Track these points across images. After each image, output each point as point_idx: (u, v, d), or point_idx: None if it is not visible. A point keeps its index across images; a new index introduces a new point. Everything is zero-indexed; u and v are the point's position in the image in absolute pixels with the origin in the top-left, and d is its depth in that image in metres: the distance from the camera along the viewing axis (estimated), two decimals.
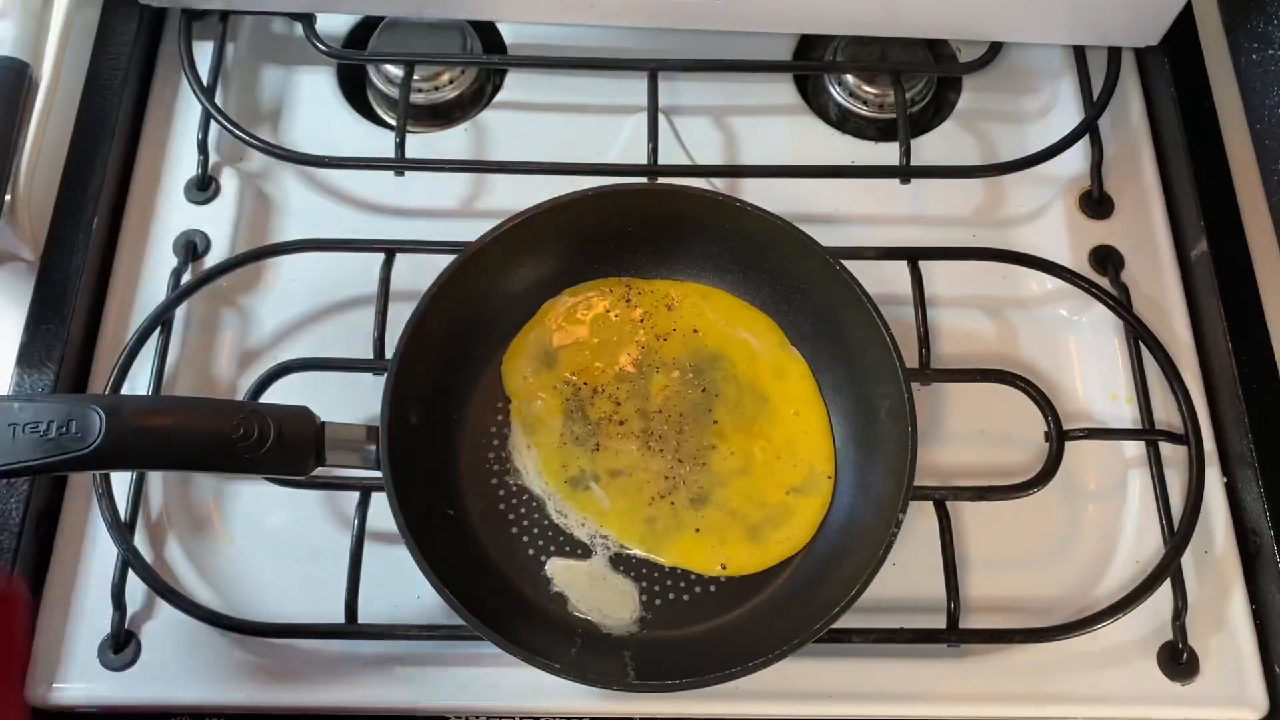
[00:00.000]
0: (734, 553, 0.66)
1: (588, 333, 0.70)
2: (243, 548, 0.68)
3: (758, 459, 0.68)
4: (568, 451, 0.68)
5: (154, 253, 0.75)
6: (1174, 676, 0.65)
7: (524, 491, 0.67)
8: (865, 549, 0.62)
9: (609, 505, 0.66)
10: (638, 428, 0.68)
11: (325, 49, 0.79)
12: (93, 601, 0.66)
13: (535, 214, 0.67)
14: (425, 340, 0.65)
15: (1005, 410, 0.70)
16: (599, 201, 0.68)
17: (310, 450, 0.59)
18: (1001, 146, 0.80)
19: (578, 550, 0.66)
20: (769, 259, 0.70)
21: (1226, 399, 0.71)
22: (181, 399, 0.68)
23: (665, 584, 0.65)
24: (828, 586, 0.63)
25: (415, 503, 0.61)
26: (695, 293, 0.72)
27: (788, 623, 0.62)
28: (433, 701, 0.64)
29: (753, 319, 0.71)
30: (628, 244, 0.71)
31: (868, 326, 0.65)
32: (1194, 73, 0.80)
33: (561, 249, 0.70)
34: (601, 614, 0.64)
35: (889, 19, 0.78)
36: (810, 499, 0.67)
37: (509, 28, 0.83)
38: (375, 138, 0.80)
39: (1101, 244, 0.77)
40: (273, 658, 0.65)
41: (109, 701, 0.64)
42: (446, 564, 0.60)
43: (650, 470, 0.67)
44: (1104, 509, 0.70)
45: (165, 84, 0.80)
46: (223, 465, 0.60)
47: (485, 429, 0.68)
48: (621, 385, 0.69)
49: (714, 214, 0.69)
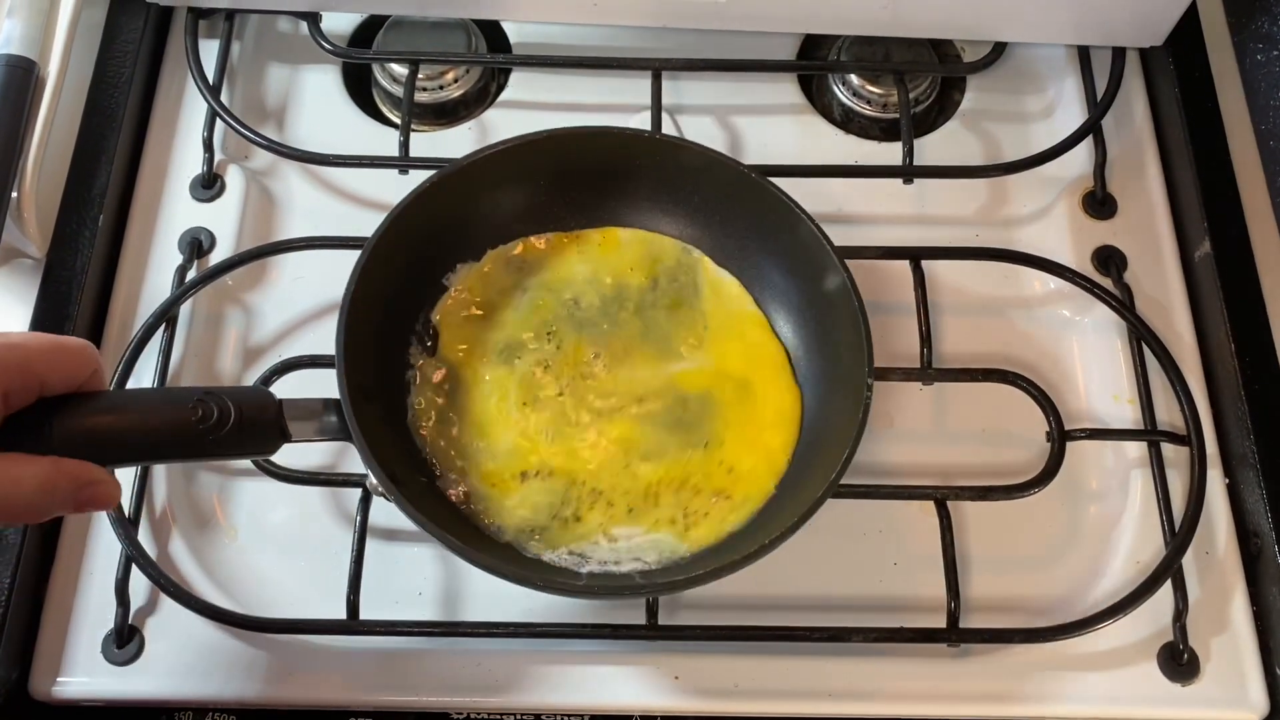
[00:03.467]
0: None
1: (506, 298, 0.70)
2: (246, 544, 0.68)
3: (716, 393, 0.67)
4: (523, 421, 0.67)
5: (159, 250, 0.75)
6: (1174, 677, 0.65)
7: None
8: (843, 426, 0.62)
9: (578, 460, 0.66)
10: (583, 384, 0.68)
11: (330, 47, 0.80)
12: (97, 597, 0.66)
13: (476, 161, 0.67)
14: (371, 296, 0.64)
15: (1007, 410, 0.70)
16: (515, 154, 0.68)
17: (273, 427, 0.58)
18: (1005, 147, 0.80)
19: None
20: (684, 190, 0.70)
21: (1229, 400, 0.71)
22: (132, 391, 0.67)
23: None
24: (816, 471, 0.63)
25: (389, 470, 0.61)
26: (612, 239, 0.72)
27: (788, 512, 0.61)
28: (434, 698, 0.65)
29: (668, 248, 0.71)
30: (542, 199, 0.71)
31: (789, 221, 0.66)
32: (1198, 73, 0.80)
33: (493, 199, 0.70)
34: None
35: (893, 19, 0.78)
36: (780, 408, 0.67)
37: (513, 27, 0.83)
38: (380, 136, 0.80)
39: (1104, 244, 0.77)
40: (275, 653, 0.65)
41: (112, 696, 0.65)
42: (441, 512, 0.61)
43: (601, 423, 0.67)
44: (1105, 509, 0.70)
45: (171, 82, 0.81)
46: (187, 453, 0.58)
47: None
48: (560, 339, 0.69)
49: (623, 152, 0.69)
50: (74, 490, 0.53)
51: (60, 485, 0.52)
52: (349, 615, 0.64)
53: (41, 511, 0.53)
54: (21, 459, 0.51)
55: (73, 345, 0.54)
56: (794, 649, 0.65)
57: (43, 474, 0.51)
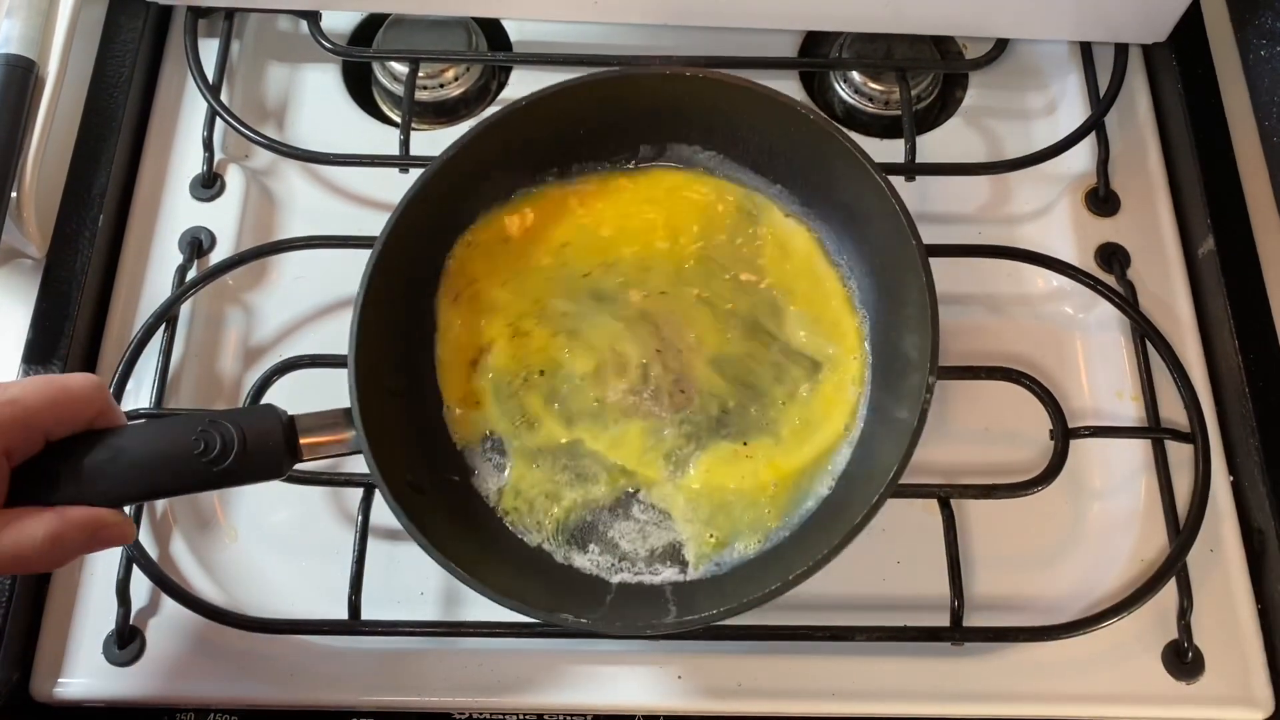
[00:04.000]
0: (767, 460, 0.65)
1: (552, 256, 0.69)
2: (247, 544, 0.68)
3: (772, 355, 0.67)
4: (559, 389, 0.66)
5: (159, 249, 0.75)
6: (1179, 675, 0.65)
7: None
8: (891, 445, 0.61)
9: (617, 439, 0.65)
10: (634, 352, 0.67)
11: (330, 46, 0.79)
12: (98, 597, 0.66)
13: (482, 130, 0.66)
14: (389, 281, 0.63)
15: (1010, 408, 0.70)
16: (548, 104, 0.66)
17: (280, 449, 0.56)
18: (1007, 144, 0.80)
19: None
20: (745, 130, 0.69)
21: (1232, 397, 0.71)
22: (137, 428, 0.58)
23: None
24: (862, 489, 0.62)
25: (408, 478, 0.60)
26: (661, 180, 0.70)
27: (823, 540, 0.60)
28: (436, 698, 0.64)
29: (733, 194, 0.70)
30: (583, 147, 0.70)
31: (863, 182, 0.64)
32: (1201, 69, 0.79)
33: (514, 169, 0.69)
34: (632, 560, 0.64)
35: (895, 16, 0.78)
36: (841, 383, 0.66)
37: (514, 25, 0.83)
38: (380, 135, 0.80)
39: (1107, 241, 0.76)
40: (277, 654, 0.65)
41: (114, 697, 0.64)
42: (451, 537, 0.60)
43: (656, 395, 0.66)
44: (1109, 507, 0.69)
45: (171, 81, 0.80)
46: (190, 485, 0.56)
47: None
48: (602, 306, 0.68)
49: (672, 92, 0.67)
50: (85, 538, 0.53)
51: (68, 535, 0.52)
52: (350, 615, 0.64)
53: (55, 561, 0.53)
54: (29, 515, 0.52)
55: (75, 388, 0.53)
56: (797, 648, 0.65)
57: (49, 527, 0.52)
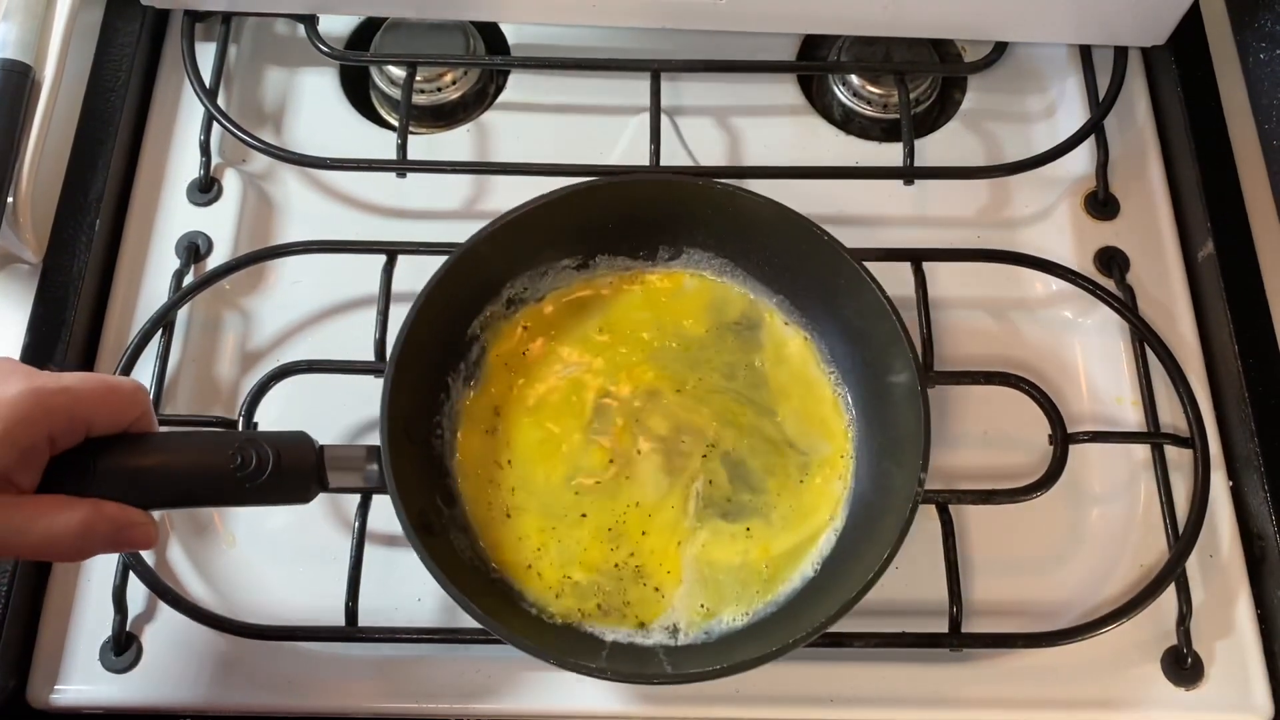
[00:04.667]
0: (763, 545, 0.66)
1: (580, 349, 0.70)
2: (244, 550, 0.68)
3: (767, 450, 0.67)
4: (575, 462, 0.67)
5: (156, 254, 0.75)
6: (1178, 681, 0.65)
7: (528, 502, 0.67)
8: (891, 516, 0.61)
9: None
10: (648, 435, 0.68)
11: (327, 50, 0.79)
12: (94, 604, 0.66)
13: (529, 210, 0.66)
14: (413, 358, 0.63)
15: (1009, 413, 0.70)
16: (589, 196, 0.67)
17: (311, 475, 0.58)
18: (1006, 147, 0.80)
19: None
20: (754, 241, 0.69)
21: (1232, 402, 0.71)
22: (175, 435, 0.63)
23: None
24: (861, 558, 0.62)
25: (420, 518, 0.61)
26: (676, 282, 0.71)
27: (819, 610, 0.61)
28: (433, 704, 0.64)
29: (739, 302, 0.71)
30: (608, 240, 0.70)
31: (865, 299, 0.65)
32: (1201, 73, 0.79)
33: (539, 252, 0.69)
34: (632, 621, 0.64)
35: (893, 19, 0.78)
36: (829, 478, 0.67)
37: (512, 28, 0.83)
38: (377, 139, 0.80)
39: (1107, 245, 0.76)
40: (273, 661, 0.65)
41: (110, 703, 0.64)
42: (461, 576, 0.60)
43: (661, 474, 0.67)
44: (1108, 512, 0.69)
45: (168, 85, 0.80)
46: (223, 498, 0.59)
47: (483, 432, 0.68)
48: (615, 392, 0.69)
49: (700, 200, 0.68)
50: (113, 532, 0.53)
51: (99, 528, 0.53)
52: (347, 622, 0.64)
53: (82, 552, 0.53)
54: (63, 501, 0.52)
55: (124, 388, 0.54)
56: (794, 654, 0.64)
57: (83, 516, 0.52)
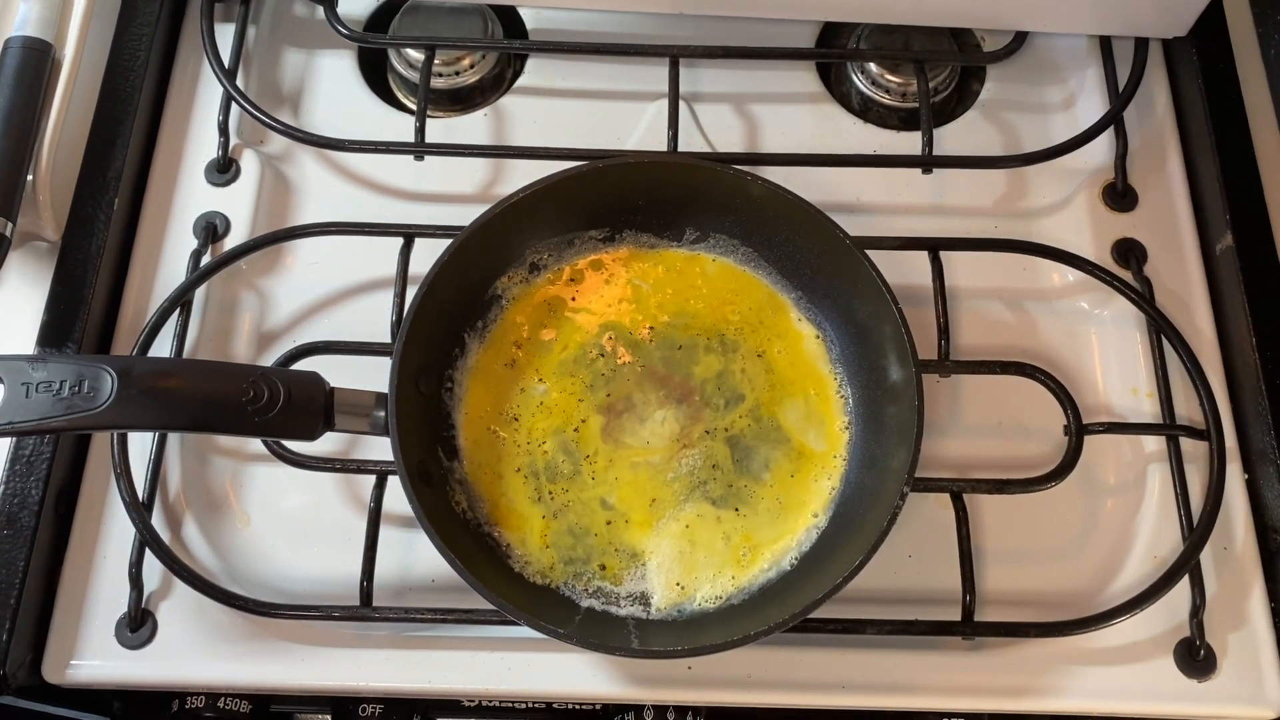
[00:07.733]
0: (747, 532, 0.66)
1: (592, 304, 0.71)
2: (259, 529, 0.68)
3: (767, 439, 0.68)
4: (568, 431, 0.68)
5: (174, 234, 0.75)
6: (1191, 673, 0.65)
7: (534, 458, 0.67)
8: (872, 522, 0.61)
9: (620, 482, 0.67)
10: (646, 405, 0.68)
11: (346, 32, 0.79)
12: (110, 581, 0.66)
13: (543, 187, 0.67)
14: (432, 310, 0.65)
15: (1024, 403, 0.70)
16: (607, 173, 0.67)
17: (319, 414, 0.60)
18: (1025, 137, 0.79)
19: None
20: (779, 234, 0.69)
21: (1249, 394, 0.71)
22: (193, 361, 0.69)
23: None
24: (837, 558, 0.62)
25: (420, 466, 0.62)
26: (699, 264, 0.71)
27: (790, 603, 0.61)
28: (446, 684, 0.64)
29: (757, 291, 0.71)
30: (636, 216, 0.71)
31: (878, 305, 0.65)
32: (1222, 65, 0.79)
33: (566, 221, 0.70)
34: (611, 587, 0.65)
35: (913, 7, 0.77)
36: (819, 476, 0.67)
37: (530, 12, 0.83)
38: (395, 122, 0.80)
39: (1124, 237, 0.76)
40: (288, 639, 0.65)
41: (125, 680, 0.65)
42: (452, 529, 0.62)
43: (660, 449, 0.67)
44: (1123, 504, 0.69)
45: (187, 66, 0.80)
46: (232, 427, 0.61)
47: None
48: (621, 365, 0.69)
49: (722, 187, 0.68)
50: None
51: None
52: (362, 602, 0.64)
53: None
54: None
55: None
56: (808, 640, 0.65)
57: None
